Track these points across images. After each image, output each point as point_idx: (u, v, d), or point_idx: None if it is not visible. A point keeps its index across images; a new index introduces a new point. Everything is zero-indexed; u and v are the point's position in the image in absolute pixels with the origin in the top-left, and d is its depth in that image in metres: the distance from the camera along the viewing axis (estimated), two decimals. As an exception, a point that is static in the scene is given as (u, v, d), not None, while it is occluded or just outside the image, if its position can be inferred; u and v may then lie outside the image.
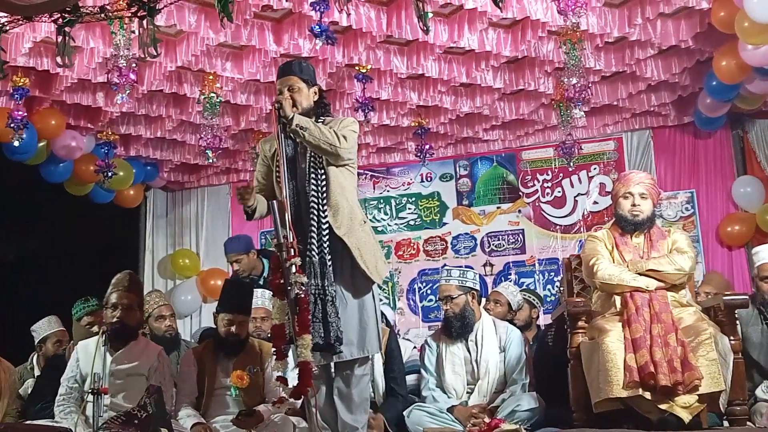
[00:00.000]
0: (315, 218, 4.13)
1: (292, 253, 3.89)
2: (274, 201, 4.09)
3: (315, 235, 4.11)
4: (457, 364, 5.40)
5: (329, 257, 4.10)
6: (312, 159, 4.22)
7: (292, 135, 4.14)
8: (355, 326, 4.16)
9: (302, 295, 3.86)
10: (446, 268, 5.75)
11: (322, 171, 4.20)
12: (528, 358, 5.45)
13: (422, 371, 5.55)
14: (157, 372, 4.91)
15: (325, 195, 4.16)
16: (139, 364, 4.88)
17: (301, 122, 4.07)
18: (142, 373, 4.87)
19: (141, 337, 5.20)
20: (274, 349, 4.08)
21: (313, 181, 4.18)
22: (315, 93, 4.35)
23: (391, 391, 5.39)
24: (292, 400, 4.28)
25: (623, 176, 4.86)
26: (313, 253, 4.08)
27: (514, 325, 5.85)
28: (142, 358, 4.92)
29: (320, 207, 4.14)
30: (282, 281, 3.91)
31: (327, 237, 4.11)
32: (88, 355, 4.85)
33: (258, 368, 5.00)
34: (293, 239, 3.93)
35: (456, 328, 5.40)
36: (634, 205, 4.62)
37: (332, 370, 4.25)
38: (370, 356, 4.29)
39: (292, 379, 4.09)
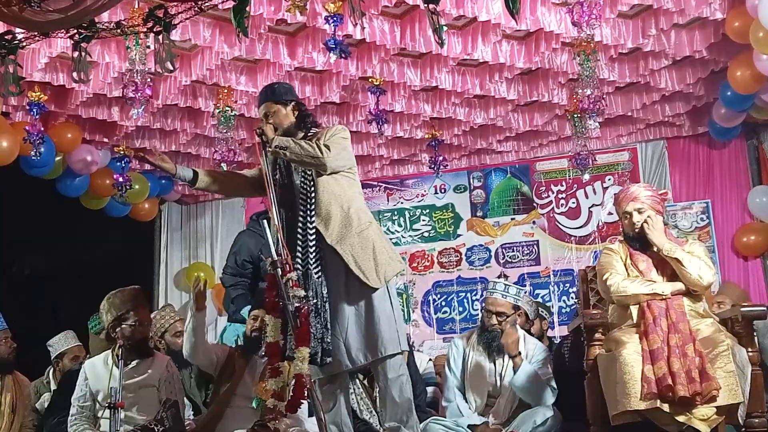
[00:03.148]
0: (301, 230, 4.21)
1: (287, 269, 3.96)
2: (266, 219, 4.18)
3: (300, 247, 4.18)
4: (480, 374, 5.30)
5: (315, 269, 4.14)
6: (302, 172, 4.31)
7: (275, 156, 4.26)
8: (367, 330, 4.19)
9: (301, 309, 3.91)
10: (500, 281, 5.50)
11: (311, 182, 4.26)
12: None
13: (445, 369, 5.44)
14: (167, 382, 4.91)
15: (313, 206, 4.22)
16: (150, 375, 4.89)
17: (280, 143, 4.17)
18: (153, 384, 4.87)
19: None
20: (269, 367, 4.11)
21: (302, 193, 4.26)
22: (293, 110, 4.45)
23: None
24: (289, 414, 4.28)
25: (615, 198, 4.73)
26: (298, 265, 4.14)
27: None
28: (152, 369, 4.92)
29: (307, 218, 4.21)
30: (276, 299, 3.96)
31: (314, 248, 4.17)
32: (96, 372, 4.87)
33: None
34: (287, 256, 4.00)
35: (500, 345, 5.24)
36: (633, 223, 4.57)
37: (347, 382, 4.26)
38: (392, 354, 4.22)
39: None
